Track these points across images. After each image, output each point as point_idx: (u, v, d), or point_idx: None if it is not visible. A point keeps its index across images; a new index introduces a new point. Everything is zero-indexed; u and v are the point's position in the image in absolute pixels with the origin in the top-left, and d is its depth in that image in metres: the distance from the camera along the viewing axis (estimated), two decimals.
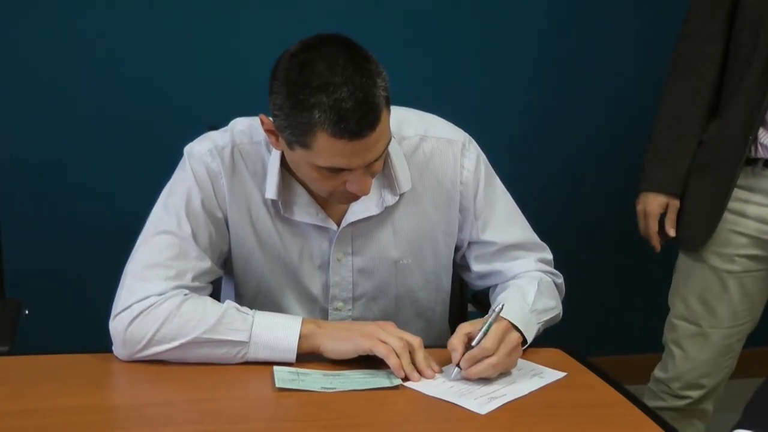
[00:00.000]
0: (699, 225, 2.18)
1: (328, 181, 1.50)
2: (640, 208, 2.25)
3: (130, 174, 2.75)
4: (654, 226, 2.23)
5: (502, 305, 1.51)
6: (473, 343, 1.48)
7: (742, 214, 2.15)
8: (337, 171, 1.47)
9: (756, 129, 2.06)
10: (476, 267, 1.77)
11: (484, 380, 1.49)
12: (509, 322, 1.52)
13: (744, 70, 2.07)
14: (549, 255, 1.80)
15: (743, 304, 2.22)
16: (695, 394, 2.28)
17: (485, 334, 1.48)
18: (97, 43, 2.64)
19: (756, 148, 2.09)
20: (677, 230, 2.21)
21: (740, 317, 2.24)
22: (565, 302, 1.76)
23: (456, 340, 1.49)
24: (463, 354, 1.47)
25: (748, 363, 3.18)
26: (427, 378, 1.48)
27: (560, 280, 1.79)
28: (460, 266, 1.81)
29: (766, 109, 2.04)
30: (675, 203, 2.21)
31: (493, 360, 1.46)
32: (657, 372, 2.36)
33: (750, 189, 2.13)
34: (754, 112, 2.05)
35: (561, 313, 1.73)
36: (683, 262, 2.28)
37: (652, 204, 2.21)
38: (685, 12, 2.20)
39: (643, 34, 3.03)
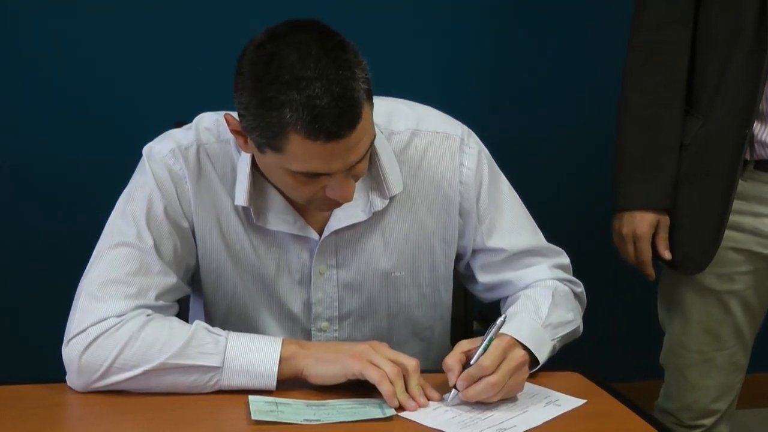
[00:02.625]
0: (700, 243, 1.97)
1: (304, 188, 1.42)
2: (625, 231, 2.02)
3: (86, 178, 2.62)
4: (648, 251, 2.01)
5: (504, 317, 1.45)
6: (471, 362, 1.41)
7: (738, 228, 1.95)
8: (314, 176, 1.40)
9: (752, 124, 1.86)
10: (483, 277, 1.68)
11: (491, 408, 1.40)
12: (515, 339, 1.44)
13: (723, 55, 1.87)
14: (566, 260, 1.71)
15: (746, 318, 2.06)
16: (708, 421, 2.12)
17: (485, 350, 1.41)
18: (54, 37, 2.55)
19: (751, 148, 1.88)
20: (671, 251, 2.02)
21: (744, 332, 2.07)
22: (584, 320, 1.66)
23: (451, 360, 1.42)
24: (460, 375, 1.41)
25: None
26: (420, 407, 1.40)
27: (580, 288, 1.70)
28: (464, 277, 1.74)
29: (761, 99, 1.84)
30: (666, 220, 2.00)
31: (492, 379, 1.38)
32: (662, 402, 2.20)
33: (743, 197, 1.93)
34: (749, 105, 1.84)
35: (581, 327, 1.65)
36: (674, 284, 2.09)
37: (642, 224, 1.99)
38: None
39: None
